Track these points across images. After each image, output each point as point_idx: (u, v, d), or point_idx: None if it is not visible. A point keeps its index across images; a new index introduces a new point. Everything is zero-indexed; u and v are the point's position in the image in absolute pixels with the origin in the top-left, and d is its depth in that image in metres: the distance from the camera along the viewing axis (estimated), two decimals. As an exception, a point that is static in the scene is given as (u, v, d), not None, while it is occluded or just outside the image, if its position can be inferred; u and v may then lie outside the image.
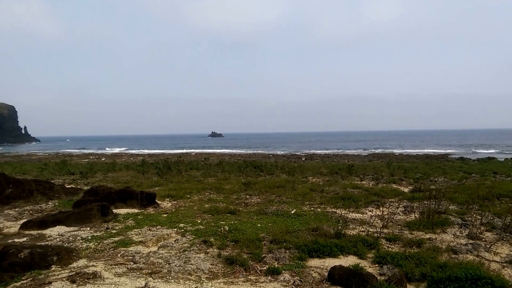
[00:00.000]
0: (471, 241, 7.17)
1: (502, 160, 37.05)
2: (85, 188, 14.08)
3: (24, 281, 5.14)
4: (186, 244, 7.00)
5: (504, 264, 6.03)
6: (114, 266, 5.83)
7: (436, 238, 7.50)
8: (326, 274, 5.48)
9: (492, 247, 6.80)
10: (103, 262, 6.05)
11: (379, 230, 7.72)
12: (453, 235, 7.77)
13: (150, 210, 10.48)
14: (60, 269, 5.67)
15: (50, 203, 11.55)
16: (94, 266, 5.83)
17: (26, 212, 10.28)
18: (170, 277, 5.39)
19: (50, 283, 5.02)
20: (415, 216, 9.27)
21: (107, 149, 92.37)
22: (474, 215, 8.97)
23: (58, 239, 7.39)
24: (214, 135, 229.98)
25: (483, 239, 7.36)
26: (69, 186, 14.79)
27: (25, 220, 8.83)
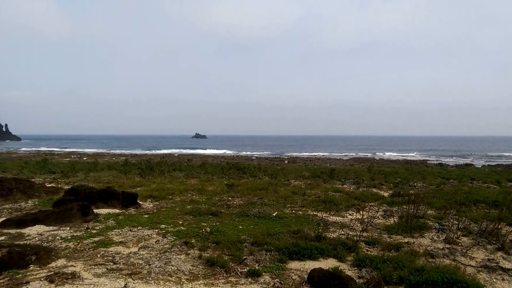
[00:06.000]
0: (448, 246, 7.30)
1: (480, 166, 37.83)
2: (66, 187, 13.88)
3: (1, 281, 5.07)
4: (167, 245, 6.99)
5: (480, 269, 6.16)
6: (93, 267, 5.78)
7: (414, 242, 7.62)
8: (306, 276, 5.53)
9: (468, 251, 6.94)
10: (82, 262, 6.00)
11: (358, 233, 7.82)
12: (431, 239, 7.90)
13: (132, 210, 10.41)
14: (38, 268, 5.61)
15: (29, 202, 11.38)
16: (73, 266, 5.78)
17: (5, 210, 10.12)
18: (150, 278, 5.38)
19: (28, 282, 4.97)
20: (394, 220, 9.39)
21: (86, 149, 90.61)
22: (451, 220, 9.13)
23: (37, 239, 7.30)
24: (197, 136, 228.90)
25: (460, 244, 7.49)
26: (50, 185, 14.56)
27: (4, 218, 8.70)
